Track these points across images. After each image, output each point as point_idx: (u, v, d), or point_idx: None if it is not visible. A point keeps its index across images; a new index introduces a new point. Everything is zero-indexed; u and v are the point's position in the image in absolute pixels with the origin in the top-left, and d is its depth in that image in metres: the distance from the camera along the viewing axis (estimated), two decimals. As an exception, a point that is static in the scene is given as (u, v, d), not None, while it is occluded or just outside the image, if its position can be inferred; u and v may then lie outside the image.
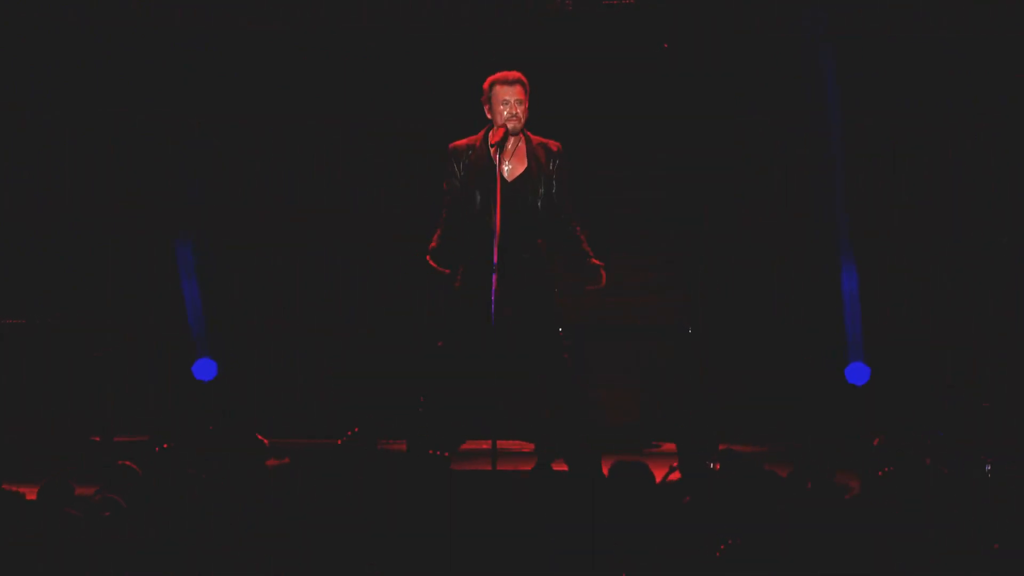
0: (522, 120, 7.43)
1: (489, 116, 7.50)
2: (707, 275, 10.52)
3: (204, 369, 10.05)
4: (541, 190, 7.47)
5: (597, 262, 7.52)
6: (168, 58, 10.18)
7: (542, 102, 7.68)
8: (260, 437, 7.35)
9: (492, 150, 7.31)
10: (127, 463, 6.17)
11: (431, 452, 7.03)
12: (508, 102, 7.38)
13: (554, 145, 7.58)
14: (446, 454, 7.04)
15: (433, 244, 7.52)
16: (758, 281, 10.53)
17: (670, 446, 9.38)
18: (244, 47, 10.43)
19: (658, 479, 6.17)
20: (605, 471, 6.27)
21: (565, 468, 7.40)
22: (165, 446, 6.71)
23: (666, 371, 9.75)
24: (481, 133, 7.53)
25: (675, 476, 7.15)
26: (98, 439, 9.20)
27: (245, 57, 10.44)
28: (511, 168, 7.47)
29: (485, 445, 7.52)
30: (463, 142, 7.55)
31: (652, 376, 9.77)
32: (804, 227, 10.44)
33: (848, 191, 10.05)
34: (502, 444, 8.17)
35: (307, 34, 10.46)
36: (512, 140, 7.46)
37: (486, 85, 7.46)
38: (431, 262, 7.49)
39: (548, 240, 7.51)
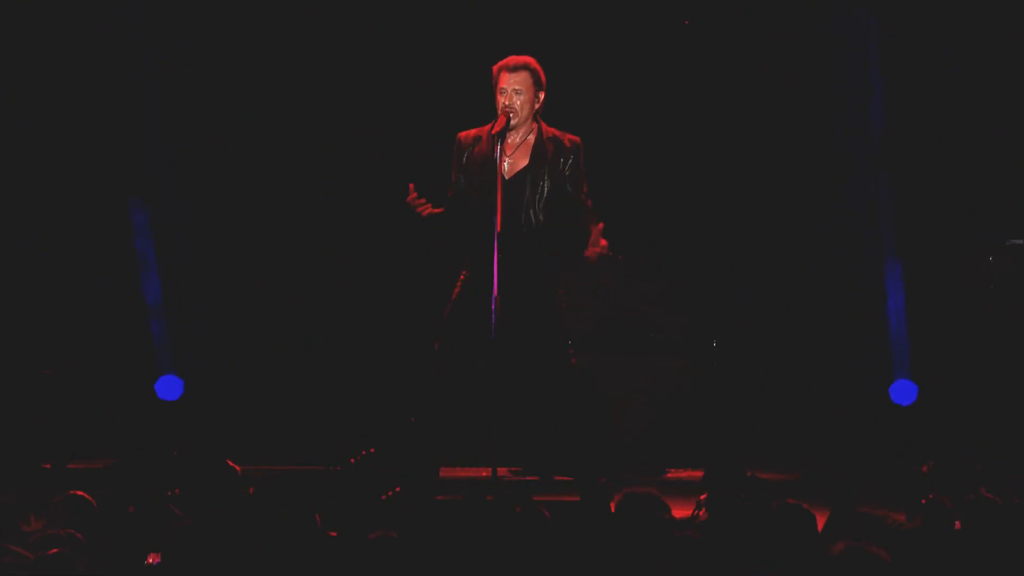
0: (519, 112, 7.07)
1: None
2: (730, 283, 10.31)
3: (168, 387, 9.95)
4: (542, 188, 7.08)
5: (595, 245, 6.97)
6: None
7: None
8: (231, 464, 7.14)
9: (495, 142, 6.96)
10: (80, 493, 5.86)
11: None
12: (505, 91, 7.08)
13: (568, 140, 7.18)
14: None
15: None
16: (790, 289, 10.30)
17: (682, 473, 9.30)
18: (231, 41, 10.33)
19: (672, 510, 5.81)
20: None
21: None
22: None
23: (685, 390, 9.46)
24: (492, 123, 7.23)
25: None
26: (49, 466, 9.01)
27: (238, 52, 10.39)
28: (512, 163, 7.15)
29: (484, 472, 7.64)
30: (472, 132, 7.24)
31: (666, 395, 9.49)
32: (842, 229, 10.19)
33: (893, 190, 9.89)
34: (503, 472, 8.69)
35: (296, 24, 10.34)
36: (521, 132, 7.11)
37: (494, 69, 7.18)
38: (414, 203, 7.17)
39: (552, 244, 7.12)
